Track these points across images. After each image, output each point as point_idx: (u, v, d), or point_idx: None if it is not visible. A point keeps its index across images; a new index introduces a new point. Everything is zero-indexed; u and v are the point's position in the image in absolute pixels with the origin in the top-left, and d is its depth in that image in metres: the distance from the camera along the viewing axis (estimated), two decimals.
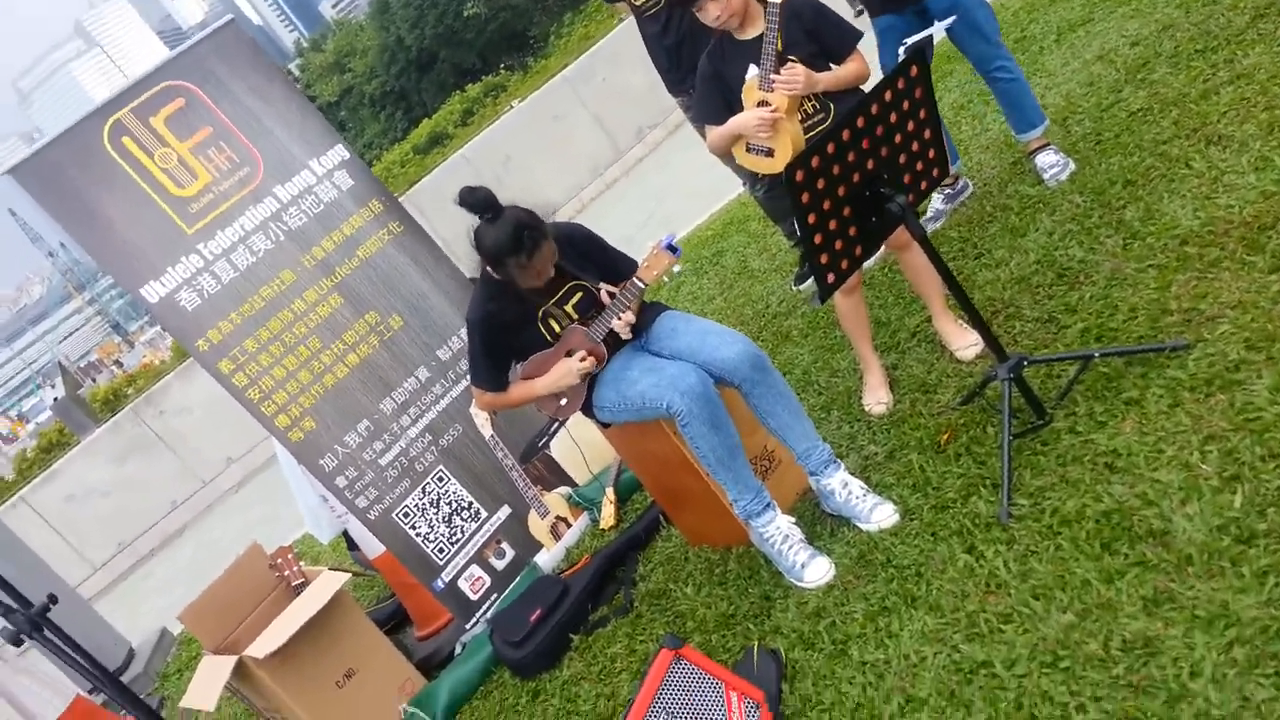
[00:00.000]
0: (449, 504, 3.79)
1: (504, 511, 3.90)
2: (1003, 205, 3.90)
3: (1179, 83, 3.75)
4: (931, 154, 2.64)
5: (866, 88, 2.93)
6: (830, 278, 2.53)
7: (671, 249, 2.81)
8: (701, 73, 3.05)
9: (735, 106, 3.02)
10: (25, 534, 8.92)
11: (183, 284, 3.42)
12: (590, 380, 3.01)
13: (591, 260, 3.04)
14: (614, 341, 2.99)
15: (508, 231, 2.72)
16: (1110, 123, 3.87)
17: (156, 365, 15.10)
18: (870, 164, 2.49)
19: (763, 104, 2.90)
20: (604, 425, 3.13)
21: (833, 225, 2.48)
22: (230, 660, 3.23)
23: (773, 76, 2.85)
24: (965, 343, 3.23)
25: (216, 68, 3.58)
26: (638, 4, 4.19)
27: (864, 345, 3.33)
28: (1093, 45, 4.63)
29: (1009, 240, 3.65)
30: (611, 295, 2.94)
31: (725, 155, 3.17)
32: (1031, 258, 3.44)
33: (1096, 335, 2.86)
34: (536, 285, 2.88)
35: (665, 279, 2.89)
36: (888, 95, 2.46)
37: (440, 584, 3.75)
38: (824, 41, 2.91)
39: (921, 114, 2.56)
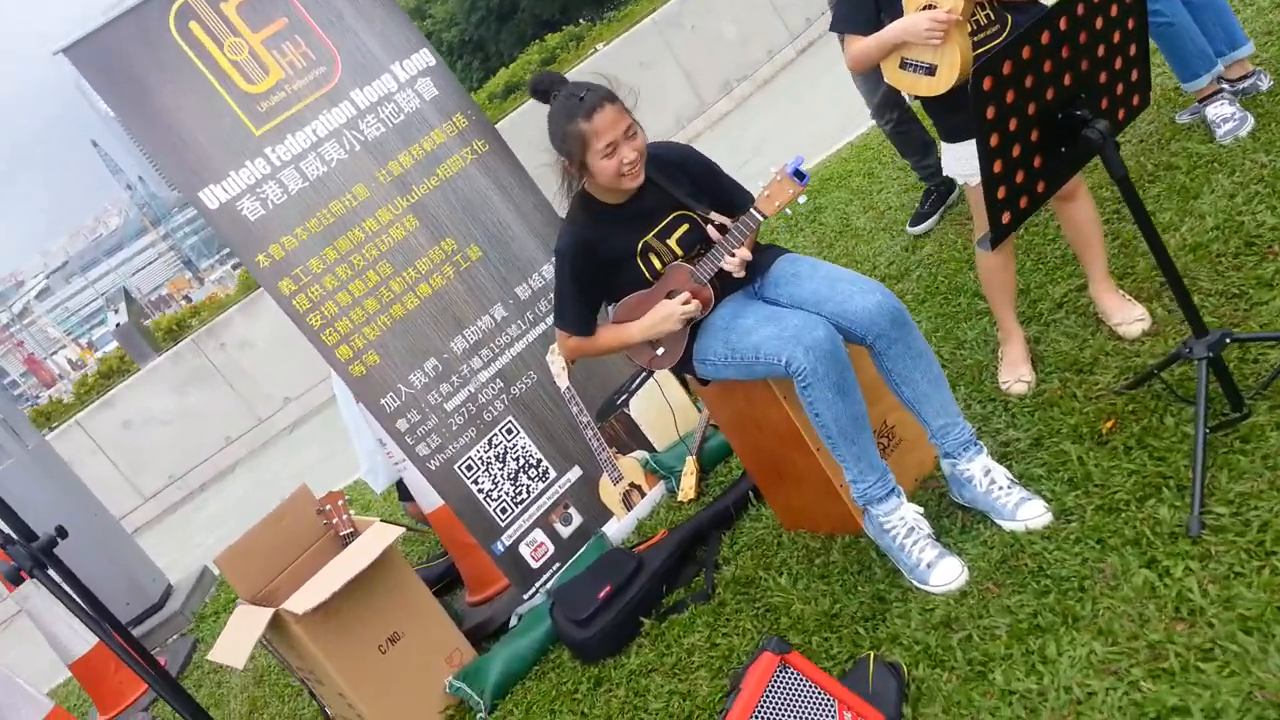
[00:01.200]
0: (516, 460, 3.43)
1: (574, 473, 3.53)
2: (1166, 164, 3.40)
3: None
4: (1135, 75, 2.18)
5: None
6: (1006, 216, 2.09)
7: (799, 175, 2.39)
8: None
9: (889, 13, 2.57)
10: (79, 460, 8.85)
11: (246, 191, 3.09)
12: (693, 328, 2.62)
13: (703, 188, 2.63)
14: (724, 284, 2.59)
15: (565, 91, 2.39)
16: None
17: (221, 298, 15.02)
18: (1067, 78, 2.04)
19: (927, 7, 2.45)
20: (703, 382, 2.73)
21: (1016, 151, 2.04)
22: (266, 613, 2.92)
23: None
24: (1131, 316, 2.77)
25: None
26: None
27: (1006, 311, 2.89)
28: None
29: (1177, 203, 3.16)
30: (723, 229, 2.54)
31: (867, 71, 2.71)
32: (1209, 223, 2.95)
33: None
34: (629, 180, 2.45)
35: (788, 210, 2.47)
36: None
37: (500, 547, 3.40)
38: None
39: (1129, 23, 2.10)
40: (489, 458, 3.38)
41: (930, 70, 2.51)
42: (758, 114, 9.74)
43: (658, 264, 2.59)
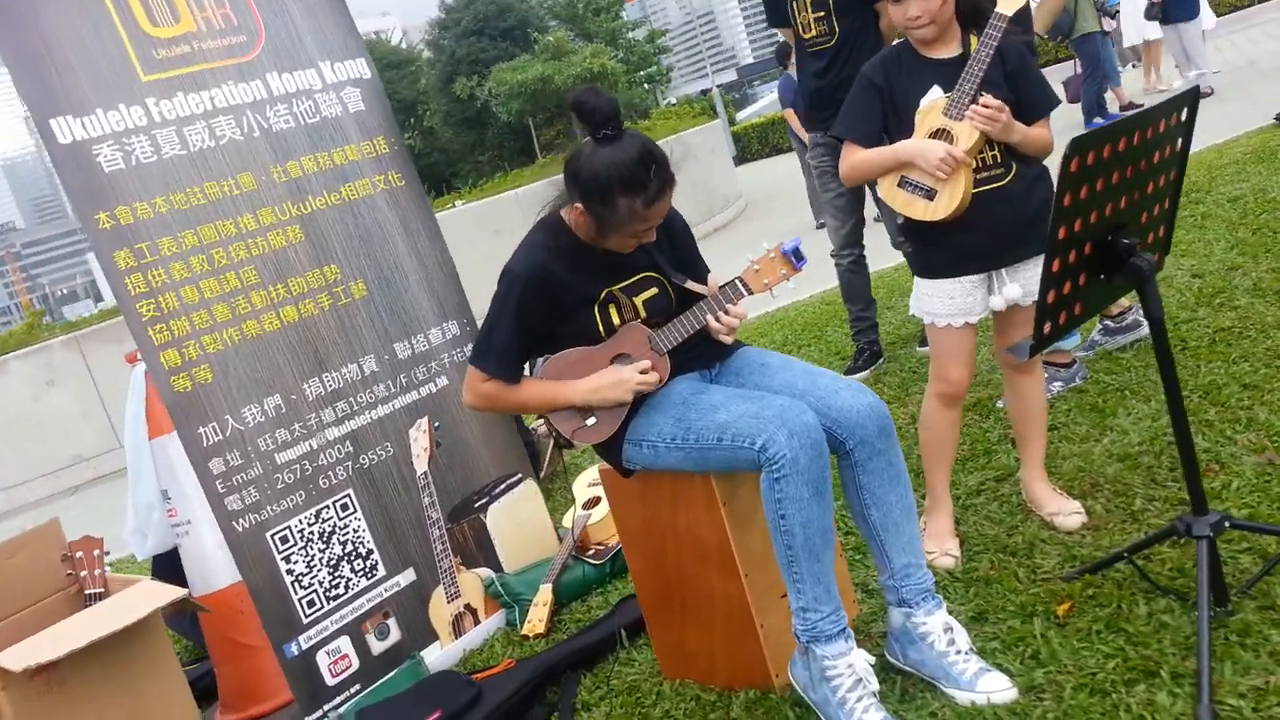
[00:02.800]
0: (343, 544, 2.79)
1: (407, 577, 2.91)
2: (1074, 387, 3.42)
3: (1274, 314, 3.44)
4: (1163, 230, 2.10)
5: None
6: (1047, 327, 1.89)
7: (796, 255, 2.13)
8: (866, 80, 2.49)
9: (895, 129, 2.46)
10: None
11: (110, 136, 2.50)
12: (635, 401, 2.22)
13: (681, 258, 2.33)
14: (679, 361, 2.24)
15: (633, 156, 2.01)
16: (1194, 334, 3.51)
17: None
18: (1123, 202, 1.92)
19: (940, 133, 2.35)
20: (625, 472, 2.31)
21: (1072, 258, 1.87)
22: None
23: (971, 105, 2.31)
24: (1068, 508, 2.62)
25: None
26: (807, 37, 3.98)
27: (941, 477, 2.67)
28: None
29: (1093, 418, 3.14)
30: (700, 298, 2.22)
31: (859, 184, 2.57)
32: (1133, 438, 2.91)
33: None
34: (627, 247, 2.14)
35: (773, 293, 2.19)
36: (1162, 124, 1.93)
37: (294, 649, 2.68)
38: (1023, 92, 2.41)
39: (1173, 173, 2.04)
40: (311, 533, 2.73)
41: (930, 194, 2.38)
42: None
43: (616, 319, 2.22)
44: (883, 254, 5.06)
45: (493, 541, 3.11)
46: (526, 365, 2.29)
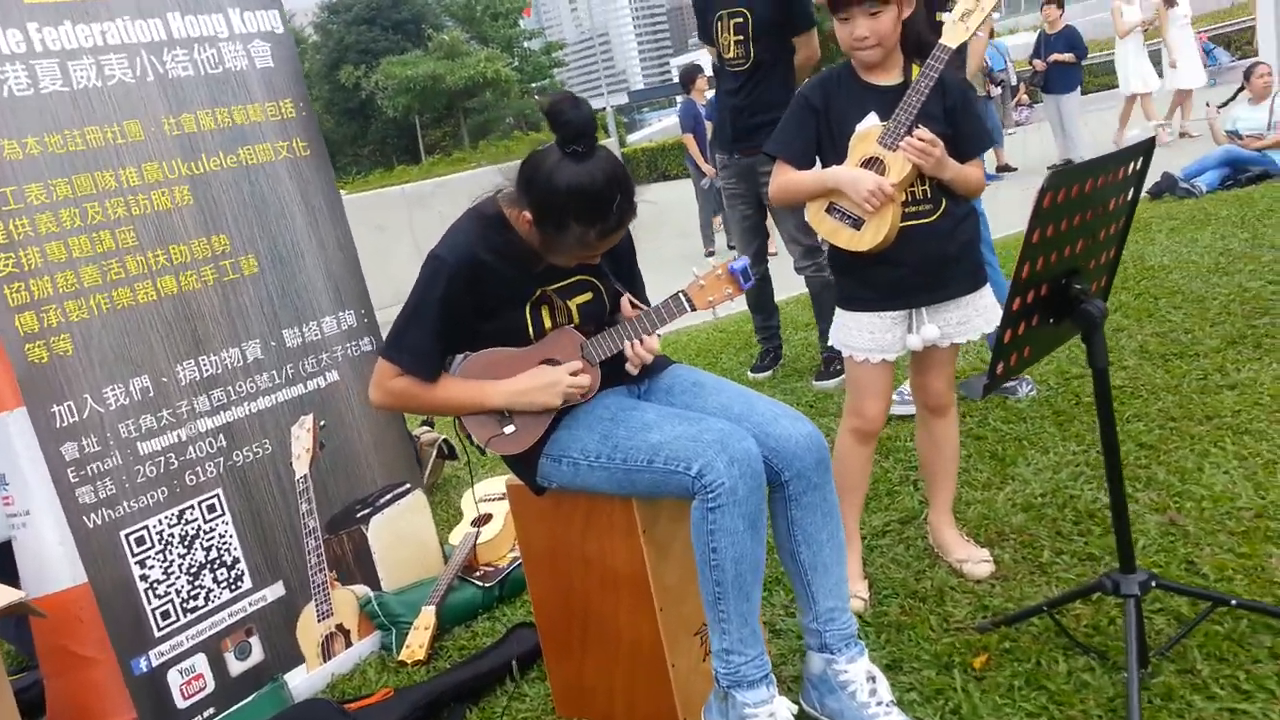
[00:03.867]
0: (207, 551, 2.50)
1: (275, 591, 2.63)
2: (972, 433, 3.42)
3: (1162, 378, 3.55)
4: (1105, 280, 2.08)
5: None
6: (1000, 367, 1.82)
7: (744, 275, 2.02)
8: (802, 101, 2.41)
9: (828, 153, 2.38)
10: None
11: None
12: (557, 415, 2.05)
13: (618, 267, 2.17)
14: (608, 373, 2.08)
15: (599, 182, 1.84)
16: (1086, 391, 3.57)
17: None
18: (1079, 246, 1.88)
19: (871, 161, 2.28)
20: (538, 489, 2.12)
21: (1030, 298, 1.81)
22: None
23: (906, 137, 2.25)
24: (976, 556, 2.58)
25: None
26: (726, 57, 4.15)
27: (851, 515, 2.59)
28: None
29: (993, 466, 3.13)
30: (636, 308, 2.07)
31: (786, 206, 2.47)
32: (1034, 488, 2.91)
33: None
34: (565, 263, 1.98)
35: (715, 312, 2.07)
36: (1120, 172, 1.91)
37: (143, 665, 2.38)
38: (960, 128, 2.36)
39: (1123, 221, 2.02)
40: (172, 536, 2.43)
41: (857, 224, 2.30)
42: None
43: (548, 322, 2.04)
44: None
45: (373, 556, 2.86)
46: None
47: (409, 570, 2.92)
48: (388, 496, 2.91)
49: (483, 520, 3.11)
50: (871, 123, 2.29)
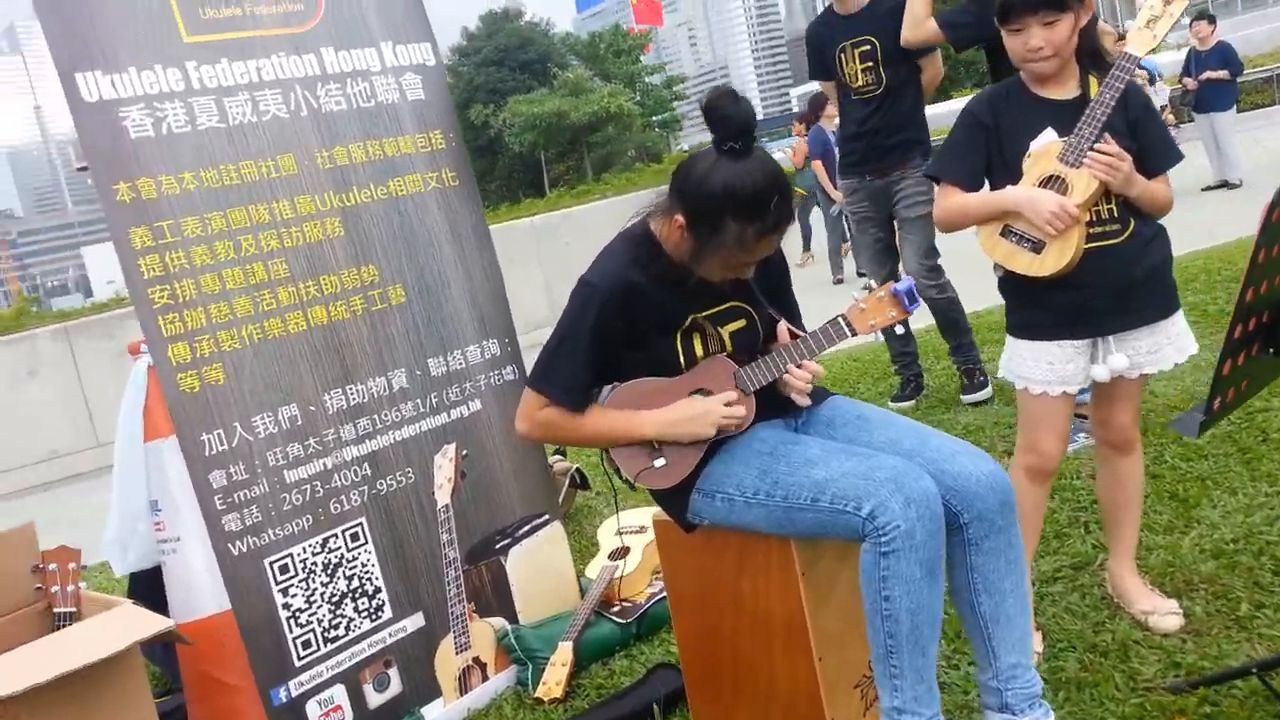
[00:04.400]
0: (349, 579, 2.49)
1: (415, 621, 2.60)
2: (1149, 471, 3.15)
3: None
4: None
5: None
6: (1218, 402, 1.63)
7: (910, 297, 1.88)
8: (971, 117, 2.26)
9: (998, 172, 2.22)
10: None
11: (142, 98, 2.23)
12: (710, 447, 1.95)
13: (773, 293, 2.07)
14: (762, 405, 1.97)
15: (759, 179, 1.75)
16: (1274, 425, 3.25)
17: None
18: None
19: (1052, 179, 2.11)
20: (688, 526, 2.02)
21: (1252, 325, 1.62)
22: None
23: (1090, 151, 2.08)
24: (1164, 607, 2.35)
25: None
26: (854, 86, 4.17)
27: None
28: None
29: (1175, 507, 2.88)
30: (795, 337, 1.96)
31: (956, 229, 2.32)
32: (1224, 533, 2.65)
33: None
34: (718, 277, 1.89)
35: (878, 335, 1.94)
36: None
37: (283, 696, 2.37)
38: (1145, 142, 2.18)
39: None
40: (315, 564, 2.43)
41: (1037, 247, 2.13)
42: None
43: (699, 350, 1.95)
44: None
45: (510, 588, 2.80)
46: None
47: (546, 603, 2.86)
48: (526, 528, 2.86)
49: (620, 553, 3.03)
50: (1049, 139, 2.13)
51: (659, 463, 1.96)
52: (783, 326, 1.98)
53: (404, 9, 2.69)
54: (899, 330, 1.93)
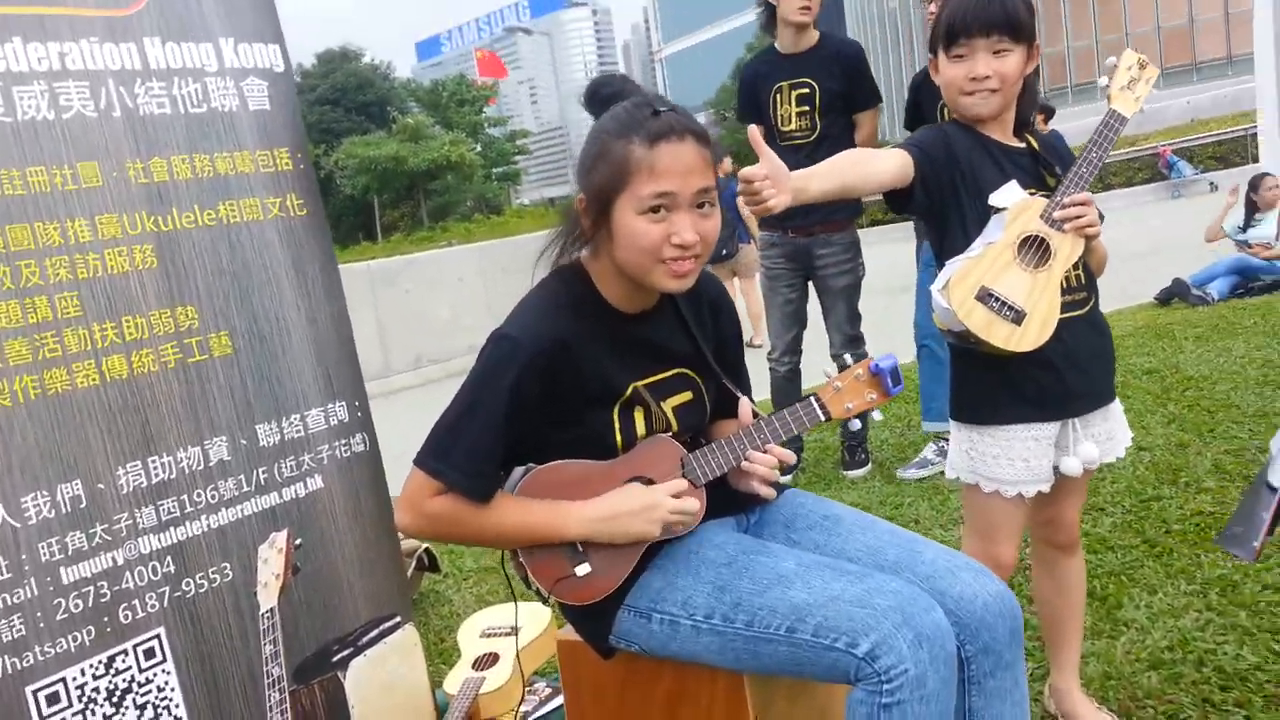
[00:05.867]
0: (141, 707, 1.93)
1: None
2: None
3: None
4: None
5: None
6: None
7: (894, 378, 1.57)
8: (944, 136, 1.97)
9: (959, 211, 1.94)
10: None
11: None
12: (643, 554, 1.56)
13: (722, 357, 1.71)
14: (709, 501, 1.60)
15: (628, 105, 1.47)
16: (1170, 515, 3.14)
17: None
18: None
19: (1032, 240, 1.86)
20: (606, 651, 1.61)
21: None
22: None
23: (1065, 206, 1.85)
24: None
25: None
26: (785, 129, 3.91)
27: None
28: None
29: (1094, 607, 2.66)
30: (756, 416, 1.60)
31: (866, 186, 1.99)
32: (1157, 639, 2.45)
33: None
34: (656, 261, 1.49)
35: (856, 422, 1.61)
36: None
37: None
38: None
39: None
40: (97, 691, 1.86)
41: (1018, 318, 1.86)
42: (441, 400, 8.97)
43: (640, 428, 1.56)
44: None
45: (350, 710, 2.29)
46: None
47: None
48: (373, 633, 2.35)
49: (486, 662, 2.56)
50: (1017, 194, 1.88)
51: (582, 570, 1.54)
52: (745, 406, 1.61)
53: (253, 6, 2.21)
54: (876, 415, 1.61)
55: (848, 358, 1.62)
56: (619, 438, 1.54)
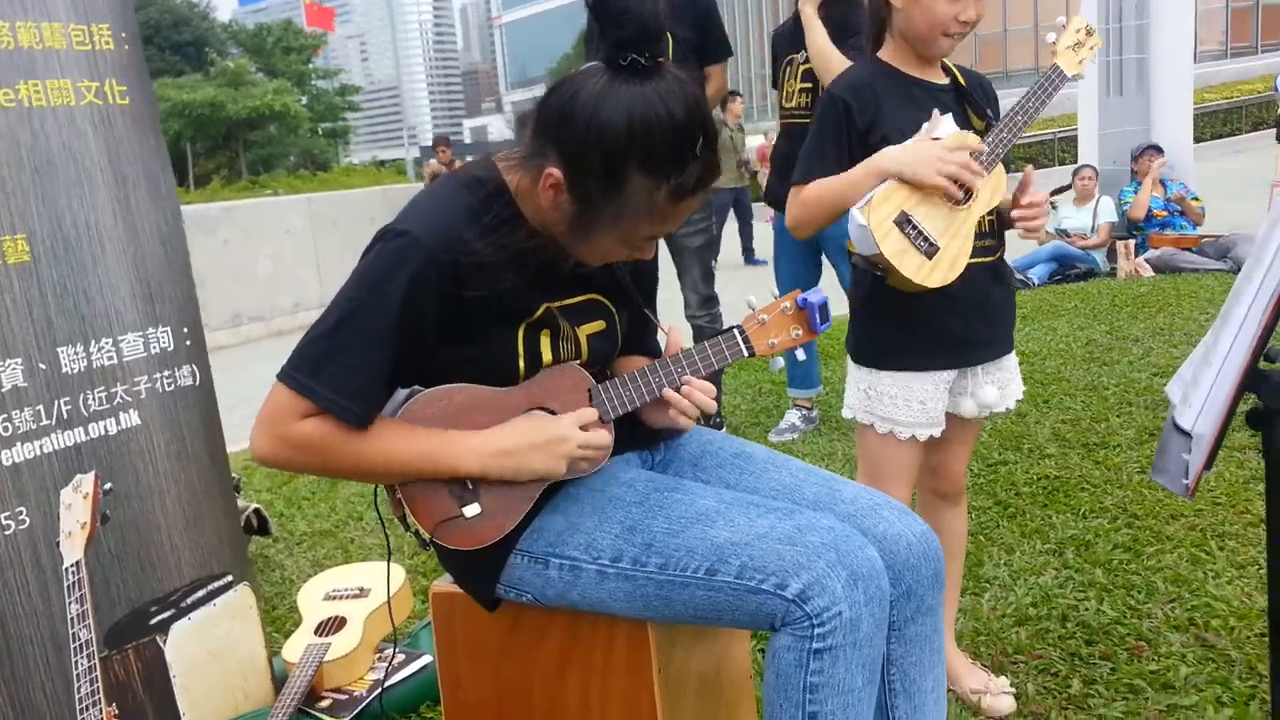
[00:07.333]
0: None
1: None
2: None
3: (1100, 471, 3.25)
4: None
5: None
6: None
7: (821, 314, 1.44)
8: (833, 97, 1.89)
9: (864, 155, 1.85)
10: None
11: None
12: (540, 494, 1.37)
13: (639, 281, 1.53)
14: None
15: (678, 112, 1.21)
16: (1018, 478, 3.22)
17: None
18: None
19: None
20: (491, 602, 1.42)
21: None
22: None
23: (1026, 205, 1.84)
24: (996, 686, 2.08)
25: None
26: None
27: None
28: None
29: (965, 567, 2.67)
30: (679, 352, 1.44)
31: (812, 228, 1.92)
32: (1020, 596, 2.47)
33: None
34: (600, 259, 1.33)
35: (779, 360, 1.47)
36: None
37: None
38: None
39: None
40: None
41: (930, 251, 1.78)
42: (265, 361, 8.44)
43: (547, 354, 1.37)
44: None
45: (172, 681, 1.99)
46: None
47: (225, 701, 2.07)
48: (200, 593, 2.06)
49: (332, 626, 2.30)
50: (950, 127, 1.80)
51: (471, 510, 1.34)
52: (674, 334, 1.44)
53: None
54: (800, 355, 1.48)
55: (703, 319, 1.50)
56: (522, 362, 1.34)
